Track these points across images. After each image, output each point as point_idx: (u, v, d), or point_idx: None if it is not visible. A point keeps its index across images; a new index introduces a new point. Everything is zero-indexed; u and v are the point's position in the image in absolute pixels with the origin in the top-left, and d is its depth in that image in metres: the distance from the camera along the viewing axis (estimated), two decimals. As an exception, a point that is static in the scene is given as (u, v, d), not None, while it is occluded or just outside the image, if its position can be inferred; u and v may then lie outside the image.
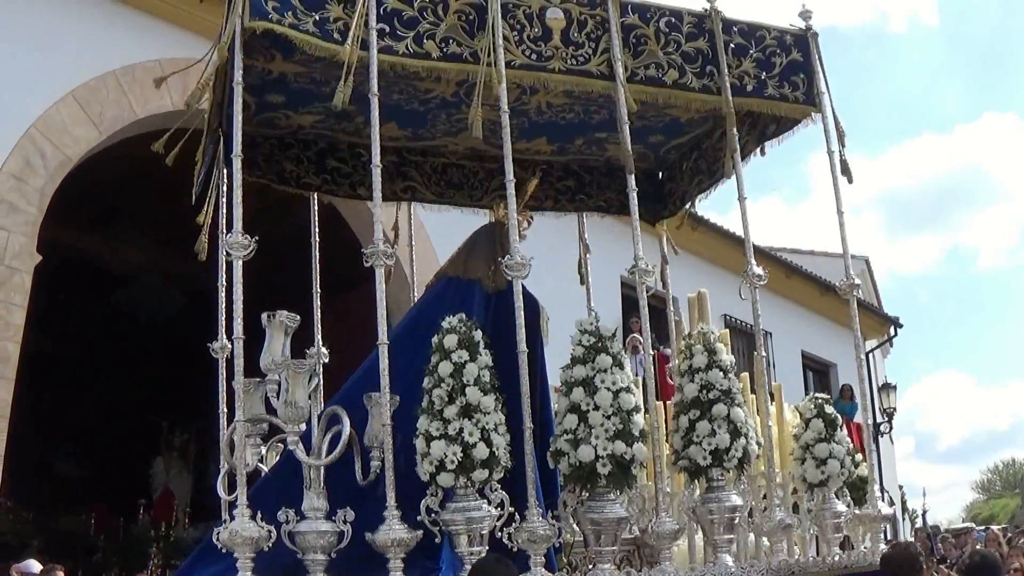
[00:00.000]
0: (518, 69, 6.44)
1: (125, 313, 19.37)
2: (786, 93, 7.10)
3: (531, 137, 7.99)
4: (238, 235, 5.65)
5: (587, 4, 6.63)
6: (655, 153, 8.40)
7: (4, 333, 10.56)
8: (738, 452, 6.08)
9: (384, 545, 5.41)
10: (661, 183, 8.74)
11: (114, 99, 11.93)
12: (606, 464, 5.63)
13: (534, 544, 5.57)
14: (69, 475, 20.18)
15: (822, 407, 6.78)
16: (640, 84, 6.69)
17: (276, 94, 7.17)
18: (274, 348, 5.74)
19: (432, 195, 8.39)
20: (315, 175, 8.03)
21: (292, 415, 5.48)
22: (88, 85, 11.74)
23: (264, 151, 7.81)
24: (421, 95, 7.27)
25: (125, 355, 20.56)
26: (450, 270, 7.28)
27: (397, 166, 8.19)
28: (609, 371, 5.81)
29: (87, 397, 20.26)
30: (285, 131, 7.75)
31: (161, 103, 12.00)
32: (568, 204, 8.70)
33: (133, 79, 12.05)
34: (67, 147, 11.47)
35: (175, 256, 17.41)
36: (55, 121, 11.42)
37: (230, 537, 5.24)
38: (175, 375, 20.86)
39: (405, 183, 8.26)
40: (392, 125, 7.67)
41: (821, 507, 6.66)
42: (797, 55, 7.12)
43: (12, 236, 10.85)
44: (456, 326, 5.83)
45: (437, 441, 5.52)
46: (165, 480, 20.09)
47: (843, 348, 24.10)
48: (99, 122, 11.76)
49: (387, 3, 6.22)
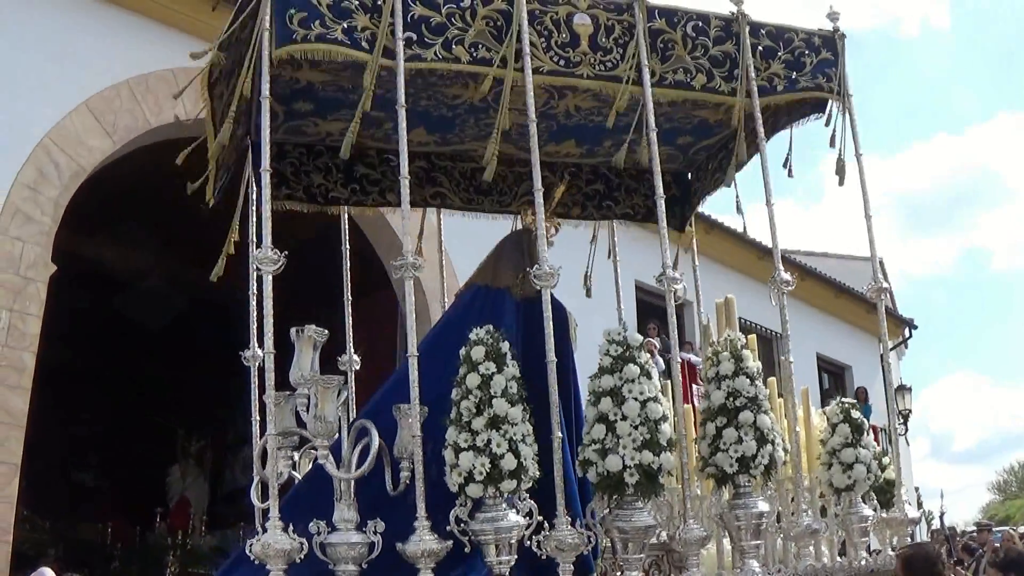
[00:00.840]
0: (546, 75, 6.51)
1: (140, 321, 19.44)
2: (820, 83, 7.14)
3: (560, 140, 8.05)
4: (268, 250, 5.74)
5: (614, 10, 6.68)
6: (684, 155, 8.43)
7: (20, 343, 10.73)
8: (764, 459, 6.15)
9: (414, 555, 5.52)
10: (688, 184, 8.79)
11: (128, 109, 12.09)
12: (633, 474, 5.73)
13: (562, 552, 5.69)
14: (86, 484, 20.44)
15: (848, 412, 6.84)
16: (668, 88, 6.77)
17: (304, 102, 7.25)
18: (303, 362, 5.84)
19: (460, 201, 8.45)
20: (343, 186, 8.11)
21: (321, 429, 5.60)
22: (102, 95, 11.93)
23: (293, 161, 7.92)
24: (449, 101, 7.34)
25: (140, 363, 20.77)
26: (479, 279, 7.36)
27: (426, 172, 8.28)
28: (637, 381, 5.89)
29: (103, 406, 20.50)
30: (314, 138, 7.84)
31: (175, 112, 12.05)
32: (595, 211, 8.74)
33: (147, 89, 12.20)
34: (81, 157, 11.63)
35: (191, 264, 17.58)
36: (69, 131, 11.57)
37: (263, 549, 5.37)
38: (190, 382, 21.12)
39: (434, 189, 8.33)
40: (420, 130, 7.74)
41: (848, 511, 6.74)
42: (827, 54, 7.15)
43: (27, 246, 11.00)
44: (483, 338, 5.91)
45: (465, 452, 5.62)
46: (181, 488, 20.33)
47: (858, 350, 24.24)
48: (113, 132, 11.91)
49: (414, 10, 6.29)
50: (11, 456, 10.42)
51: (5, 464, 10.34)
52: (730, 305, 7.06)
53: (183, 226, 15.67)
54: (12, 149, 11.12)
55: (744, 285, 8.99)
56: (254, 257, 5.82)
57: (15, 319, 10.74)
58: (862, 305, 23.38)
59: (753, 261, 18.68)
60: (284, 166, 7.89)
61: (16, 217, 10.97)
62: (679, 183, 8.75)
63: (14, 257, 10.89)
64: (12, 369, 10.62)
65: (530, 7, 6.46)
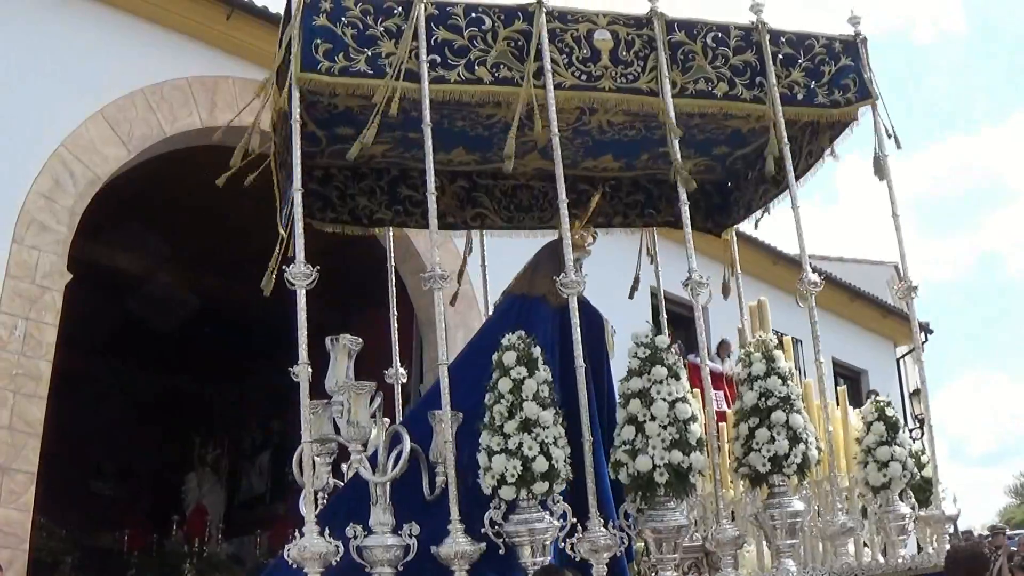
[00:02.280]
0: (568, 90, 6.78)
1: (156, 330, 19.65)
2: (837, 99, 7.32)
3: (597, 155, 8.27)
4: (301, 265, 6.04)
5: (634, 24, 6.96)
6: (721, 164, 8.60)
7: (36, 351, 10.87)
8: (797, 458, 6.29)
9: (448, 557, 5.75)
10: (728, 192, 8.96)
11: (143, 117, 12.21)
12: (664, 473, 5.92)
13: (595, 554, 5.88)
14: (103, 492, 20.71)
15: (883, 410, 6.95)
16: (690, 98, 7.00)
17: (344, 126, 7.53)
18: (338, 371, 6.13)
19: (502, 221, 8.70)
20: (387, 208, 8.43)
21: (355, 434, 5.88)
22: (117, 103, 12.07)
23: (338, 185, 8.26)
24: (484, 120, 7.58)
25: (157, 372, 21.14)
26: (516, 288, 7.59)
27: (468, 192, 8.57)
28: (665, 382, 6.11)
29: (120, 414, 20.74)
30: (358, 161, 8.15)
31: (190, 121, 12.42)
32: (638, 219, 8.95)
33: (161, 97, 12.37)
34: (96, 166, 11.75)
35: (206, 272, 17.77)
36: (84, 140, 11.73)
37: (299, 553, 5.63)
38: (205, 389, 21.68)
39: (475, 210, 8.60)
40: (460, 150, 8.06)
41: (885, 510, 6.83)
42: (847, 60, 7.34)
43: (43, 255, 11.15)
44: (515, 343, 6.16)
45: (498, 455, 5.85)
46: (198, 496, 20.54)
47: (873, 354, 24.04)
48: (128, 140, 12.04)
49: (437, 34, 6.62)
50: (28, 464, 10.55)
51: (22, 472, 10.49)
52: (763, 307, 7.24)
53: (199, 235, 16.07)
54: (27, 158, 11.31)
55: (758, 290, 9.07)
56: (288, 272, 6.10)
57: (31, 328, 10.89)
58: (877, 309, 23.48)
59: (767, 266, 18.61)
60: (330, 190, 8.24)
61: (32, 226, 11.14)
62: (721, 192, 8.94)
63: (30, 266, 11.05)
64: (28, 378, 10.76)
65: (551, 26, 6.77)
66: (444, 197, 8.23)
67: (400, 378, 8.25)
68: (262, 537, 18.45)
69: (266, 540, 18.27)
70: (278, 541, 17.14)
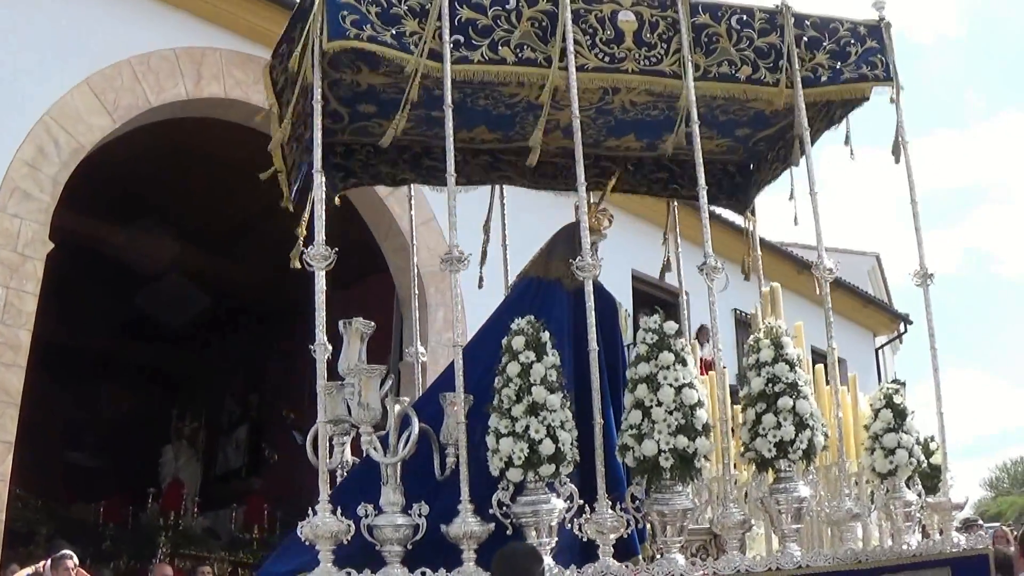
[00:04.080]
0: (592, 72, 7.01)
1: (137, 302, 20.25)
2: (865, 73, 7.49)
3: (620, 135, 8.48)
4: (320, 247, 6.35)
5: (658, 6, 7.16)
6: (744, 146, 8.78)
7: (16, 321, 11.08)
8: (803, 444, 6.55)
9: (457, 537, 6.10)
10: (751, 173, 9.16)
11: (128, 87, 12.46)
12: (669, 458, 6.22)
13: (602, 535, 6.22)
14: (81, 464, 21.21)
15: (891, 397, 7.19)
16: (714, 81, 7.21)
17: (367, 104, 7.80)
18: (351, 353, 6.47)
19: (527, 182, 8.93)
20: (411, 170, 8.70)
21: (365, 416, 6.21)
22: (103, 73, 12.27)
23: (360, 158, 8.52)
24: (507, 100, 7.79)
25: (137, 343, 21.71)
26: (532, 271, 7.88)
27: (491, 163, 8.80)
28: (672, 368, 6.38)
29: (99, 385, 21.52)
30: (380, 138, 8.40)
31: (176, 92, 12.63)
32: (662, 191, 9.17)
33: (148, 68, 12.56)
34: (81, 135, 11.99)
35: (190, 247, 18.15)
36: (70, 109, 11.95)
37: (312, 530, 5.98)
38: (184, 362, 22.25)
39: (500, 174, 8.85)
40: (482, 128, 8.29)
41: (891, 496, 7.10)
42: (873, 43, 7.49)
43: (25, 224, 11.33)
44: (524, 328, 6.45)
45: (505, 438, 6.17)
46: (174, 469, 20.96)
47: (852, 344, 24.35)
48: (113, 110, 12.28)
49: (461, 14, 6.84)
50: (5, 434, 10.79)
51: (0, 442, 10.72)
52: (775, 293, 7.47)
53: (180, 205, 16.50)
54: (12, 126, 11.45)
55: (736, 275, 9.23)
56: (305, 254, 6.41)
57: (12, 296, 11.08)
58: (857, 299, 23.84)
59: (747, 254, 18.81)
60: (352, 162, 8.52)
61: (15, 194, 11.32)
62: (743, 173, 9.15)
63: (12, 234, 11.25)
64: (8, 347, 10.97)
65: (575, 6, 6.98)
66: (468, 167, 8.51)
67: (420, 357, 8.59)
68: (238, 511, 19.02)
69: (242, 514, 18.89)
70: (254, 515, 17.90)
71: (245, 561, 17.46)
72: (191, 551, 17.36)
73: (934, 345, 7.19)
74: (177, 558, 16.66)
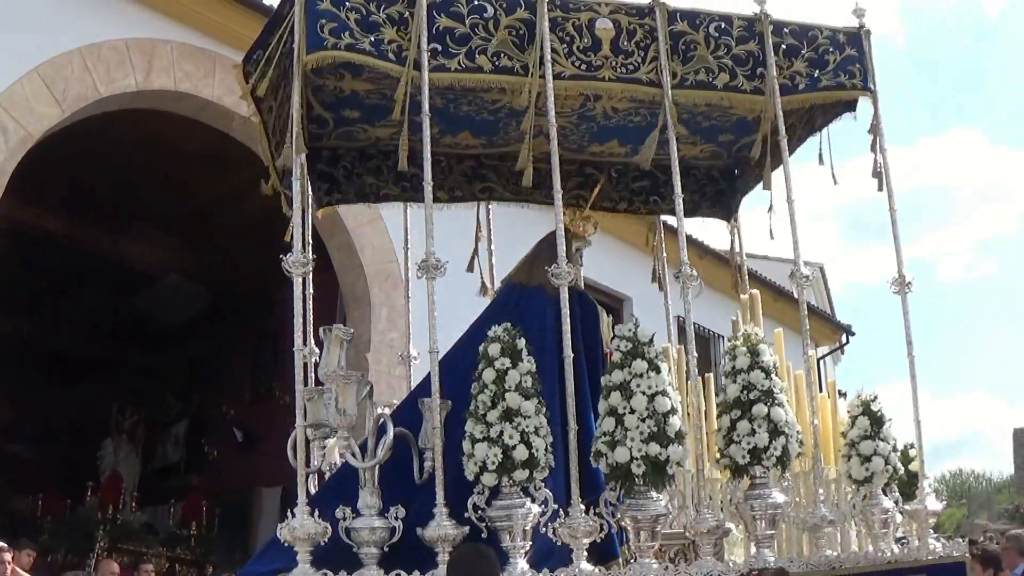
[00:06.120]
0: (568, 80, 7.36)
1: (81, 294, 20.59)
2: (842, 81, 7.82)
3: (603, 140, 8.87)
4: (299, 254, 6.77)
5: (636, 14, 7.50)
6: (728, 151, 9.15)
7: None
8: (776, 451, 6.89)
9: (432, 540, 6.48)
10: (735, 179, 9.54)
11: (78, 77, 12.65)
12: (641, 465, 6.57)
13: (575, 539, 6.60)
14: (18, 455, 21.50)
15: (868, 404, 7.55)
16: (690, 89, 7.55)
17: (351, 110, 8.22)
18: (330, 359, 6.87)
19: (510, 194, 9.33)
20: (394, 184, 9.08)
21: (343, 421, 6.62)
22: (53, 62, 12.43)
23: (346, 165, 8.96)
24: (489, 106, 8.20)
25: (78, 336, 22.04)
26: (516, 277, 8.28)
27: (475, 169, 9.23)
28: (645, 375, 6.71)
29: (38, 378, 21.82)
30: (365, 143, 8.83)
31: (125, 83, 12.88)
32: (642, 206, 9.57)
33: (98, 58, 12.75)
34: (29, 124, 12.15)
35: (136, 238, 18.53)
36: (18, 97, 12.11)
37: (290, 533, 6.39)
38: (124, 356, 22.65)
39: (483, 184, 9.26)
40: (466, 134, 8.70)
41: (868, 503, 7.45)
42: (851, 51, 7.82)
43: None
44: (500, 335, 6.83)
45: (480, 443, 6.53)
46: (113, 462, 21.22)
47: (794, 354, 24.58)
48: (62, 99, 12.48)
49: (439, 22, 7.22)
50: None
51: None
52: (754, 300, 7.84)
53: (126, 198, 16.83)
54: None
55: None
56: (285, 261, 6.81)
57: None
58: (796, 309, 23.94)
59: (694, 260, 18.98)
60: (337, 170, 8.96)
61: None
62: (727, 178, 9.54)
63: None
64: None
65: (552, 15, 7.33)
66: (452, 175, 8.94)
67: (412, 361, 9.00)
68: (175, 507, 19.50)
69: (179, 510, 19.33)
70: (192, 512, 18.41)
71: (183, 557, 18.00)
72: (129, 546, 17.73)
73: (912, 352, 7.53)
74: (115, 553, 16.89)
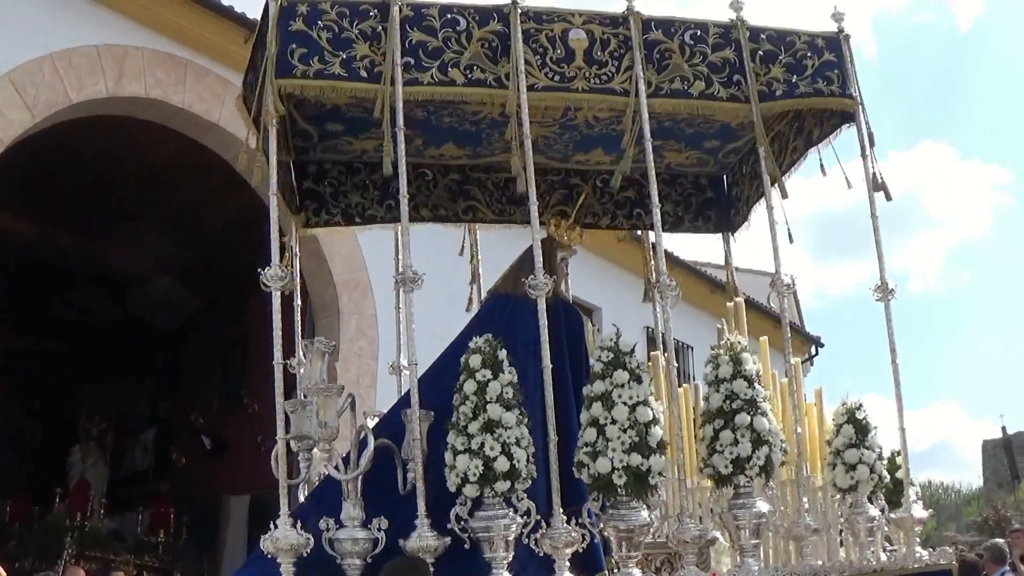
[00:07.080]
0: (541, 91, 7.49)
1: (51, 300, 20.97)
2: (820, 88, 7.93)
3: (587, 149, 9.04)
4: (276, 268, 6.90)
5: (609, 23, 7.64)
6: (714, 158, 9.28)
7: None
8: (760, 460, 6.96)
9: (414, 551, 6.59)
10: (728, 188, 9.67)
11: (49, 83, 12.85)
12: (622, 475, 6.67)
13: (557, 550, 6.70)
14: None
15: (853, 413, 7.66)
16: (665, 97, 7.68)
17: (334, 123, 8.38)
18: (312, 372, 7.00)
19: (493, 214, 9.50)
20: (379, 204, 9.23)
21: (324, 434, 6.75)
22: (24, 67, 12.62)
23: (332, 181, 9.15)
24: (471, 117, 8.35)
25: (47, 342, 22.47)
26: (501, 287, 8.41)
27: (460, 184, 9.40)
28: (626, 386, 6.81)
29: (6, 383, 22.02)
30: (351, 156, 8.98)
31: (96, 89, 13.07)
32: (625, 220, 9.74)
33: (70, 64, 12.96)
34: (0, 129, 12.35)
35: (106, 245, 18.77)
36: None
37: (273, 544, 6.49)
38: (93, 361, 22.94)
39: (467, 203, 9.42)
40: (450, 145, 8.85)
41: (854, 511, 7.56)
42: (830, 56, 7.95)
43: None
44: (481, 347, 6.94)
45: (462, 455, 6.64)
46: (82, 469, 21.55)
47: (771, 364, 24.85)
48: (33, 106, 12.66)
49: (412, 36, 7.36)
50: None
51: None
52: (739, 309, 7.95)
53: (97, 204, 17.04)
54: None
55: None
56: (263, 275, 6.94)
57: None
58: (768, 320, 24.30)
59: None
60: (323, 187, 9.13)
61: None
62: (715, 186, 9.67)
63: None
64: None
65: (525, 26, 7.48)
66: (436, 190, 9.12)
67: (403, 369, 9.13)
68: (143, 514, 19.59)
69: (147, 517, 19.47)
70: (160, 519, 18.73)
71: (150, 565, 18.11)
72: (97, 553, 17.90)
73: (895, 360, 7.62)
74: (83, 560, 17.04)
